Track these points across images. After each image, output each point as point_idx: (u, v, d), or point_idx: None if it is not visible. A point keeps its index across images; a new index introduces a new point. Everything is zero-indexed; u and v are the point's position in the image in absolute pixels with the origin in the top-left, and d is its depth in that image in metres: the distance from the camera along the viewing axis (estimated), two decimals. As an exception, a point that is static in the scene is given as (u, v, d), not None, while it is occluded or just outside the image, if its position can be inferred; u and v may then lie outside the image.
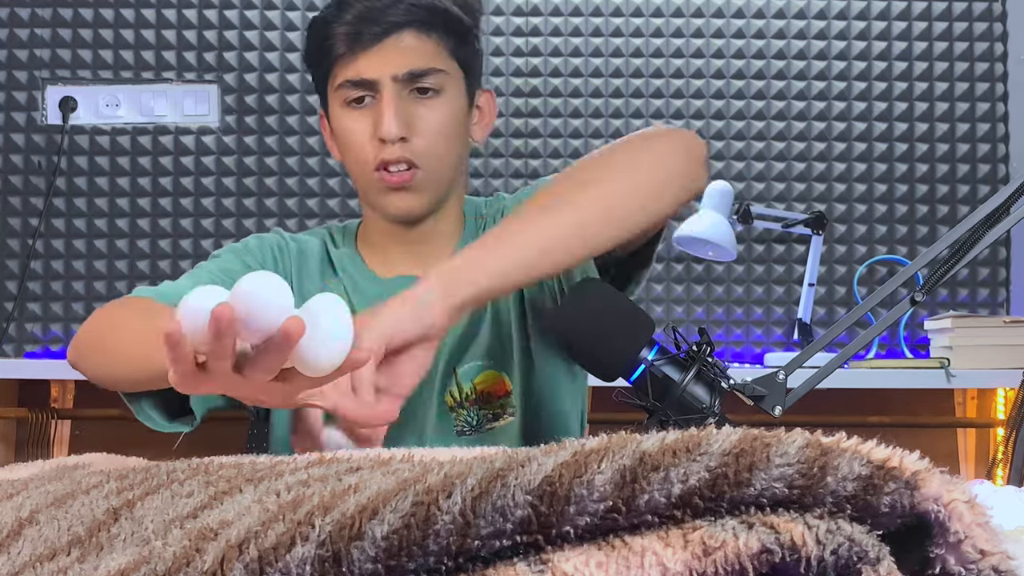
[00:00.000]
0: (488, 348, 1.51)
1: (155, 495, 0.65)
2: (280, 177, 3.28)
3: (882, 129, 3.30)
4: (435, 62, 1.47)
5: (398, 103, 1.45)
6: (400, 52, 1.46)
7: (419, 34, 1.47)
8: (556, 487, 0.50)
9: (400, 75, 1.45)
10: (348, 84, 1.47)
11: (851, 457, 0.52)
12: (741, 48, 3.30)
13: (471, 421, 1.49)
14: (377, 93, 1.46)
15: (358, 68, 1.46)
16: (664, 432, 0.54)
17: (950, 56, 3.30)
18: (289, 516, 0.51)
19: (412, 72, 1.45)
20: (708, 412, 1.19)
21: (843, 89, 3.30)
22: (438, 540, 0.48)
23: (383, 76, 1.45)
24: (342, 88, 1.47)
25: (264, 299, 0.91)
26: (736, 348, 3.27)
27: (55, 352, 3.23)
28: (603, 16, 3.30)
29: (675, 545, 0.50)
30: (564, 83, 3.29)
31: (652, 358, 1.21)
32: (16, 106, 3.27)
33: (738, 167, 3.29)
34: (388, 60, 1.45)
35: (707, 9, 3.30)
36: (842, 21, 3.31)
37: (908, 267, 1.27)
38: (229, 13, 3.28)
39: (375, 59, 1.45)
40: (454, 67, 1.49)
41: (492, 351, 1.51)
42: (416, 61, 1.46)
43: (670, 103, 3.29)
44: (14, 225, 3.25)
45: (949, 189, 3.30)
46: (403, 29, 1.46)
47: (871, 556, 0.51)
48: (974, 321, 2.94)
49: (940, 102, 3.30)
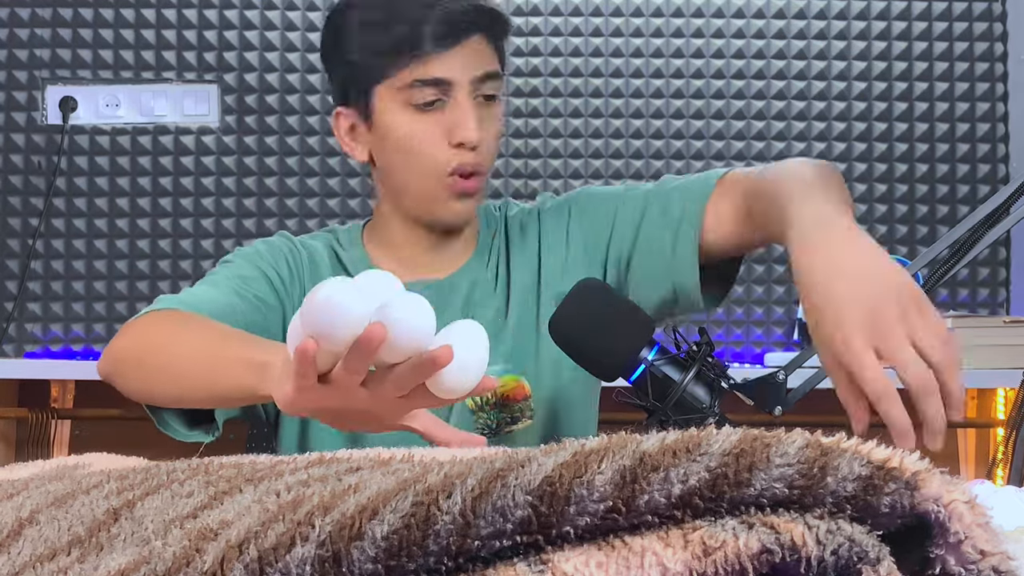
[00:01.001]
0: (510, 353, 1.50)
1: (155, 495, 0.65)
2: (280, 177, 3.27)
3: (882, 129, 3.30)
4: (497, 67, 1.47)
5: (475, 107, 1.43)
6: (475, 54, 1.44)
7: (485, 39, 1.46)
8: (556, 487, 0.50)
9: (477, 77, 1.43)
10: (420, 84, 1.42)
11: (851, 457, 0.52)
12: (741, 48, 3.30)
13: (490, 424, 1.49)
14: (449, 96, 1.43)
15: (434, 68, 1.42)
16: (664, 432, 0.54)
17: (950, 56, 3.30)
18: (289, 516, 0.51)
19: (486, 74, 1.44)
20: (708, 412, 1.19)
21: (843, 89, 3.30)
22: (438, 540, 0.48)
23: (462, 78, 1.43)
24: (410, 88, 1.43)
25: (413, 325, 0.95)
26: (736, 348, 3.27)
27: (55, 352, 3.23)
28: (603, 16, 3.30)
29: (675, 545, 0.50)
30: (564, 83, 3.29)
31: (652, 358, 1.21)
32: (16, 106, 3.26)
33: (738, 167, 3.29)
34: (467, 61, 1.43)
35: (707, 9, 3.30)
36: (842, 21, 3.31)
37: (908, 267, 1.27)
38: (229, 13, 3.28)
39: (454, 60, 1.43)
40: (501, 74, 1.49)
41: (513, 355, 1.50)
42: (488, 64, 1.45)
43: (670, 103, 3.29)
44: (14, 225, 3.25)
45: (949, 189, 3.30)
46: (475, 33, 1.45)
47: (871, 556, 0.51)
48: (974, 321, 2.94)
49: (940, 102, 3.30)
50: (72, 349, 3.23)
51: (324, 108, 3.26)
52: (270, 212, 3.27)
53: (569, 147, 3.28)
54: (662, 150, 3.28)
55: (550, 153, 3.29)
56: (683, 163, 3.28)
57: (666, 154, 3.28)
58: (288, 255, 1.53)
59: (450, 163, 1.43)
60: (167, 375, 1.28)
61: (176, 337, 1.31)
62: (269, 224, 3.24)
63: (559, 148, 3.28)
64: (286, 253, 1.53)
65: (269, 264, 1.50)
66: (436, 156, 1.43)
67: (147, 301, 3.22)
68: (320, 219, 3.24)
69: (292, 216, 3.26)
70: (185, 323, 1.33)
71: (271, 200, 3.27)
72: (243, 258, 1.52)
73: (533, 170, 3.29)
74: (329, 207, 3.27)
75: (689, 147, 3.29)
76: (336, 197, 3.28)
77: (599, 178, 3.26)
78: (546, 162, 3.29)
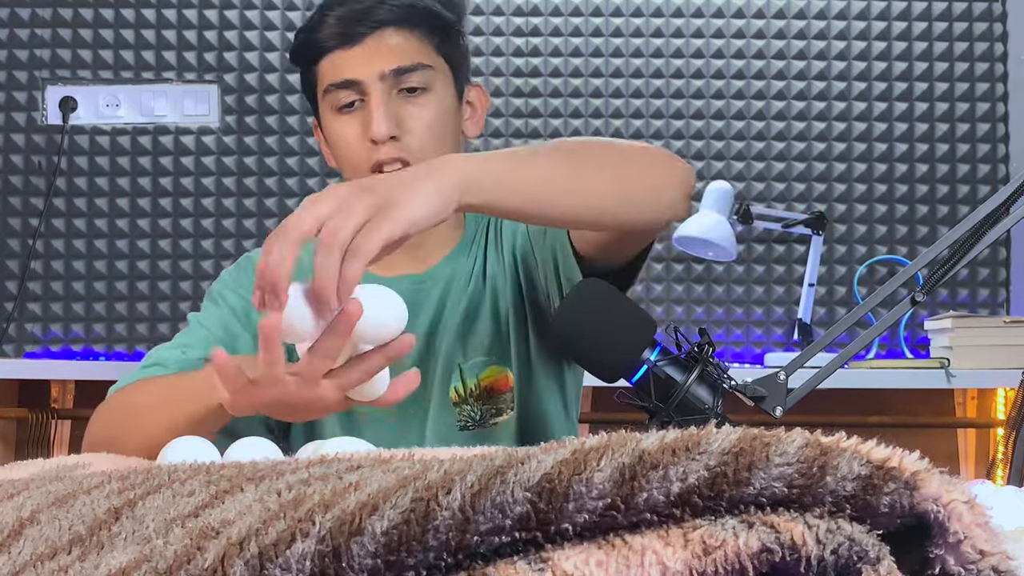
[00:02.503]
0: (490, 344, 1.51)
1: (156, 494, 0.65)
2: (280, 177, 3.28)
3: (882, 129, 3.30)
4: (421, 58, 1.46)
5: (387, 103, 1.44)
6: (384, 50, 1.45)
7: (402, 32, 1.46)
8: (555, 484, 0.50)
9: (386, 72, 1.44)
10: (334, 87, 1.46)
11: (851, 457, 0.52)
12: (741, 48, 3.30)
13: (474, 416, 1.49)
14: (365, 95, 1.44)
15: (342, 69, 1.45)
16: (663, 431, 0.54)
17: (950, 56, 3.30)
18: (290, 514, 0.51)
19: (399, 69, 1.45)
20: (711, 413, 1.19)
21: (843, 89, 3.30)
22: (437, 536, 0.49)
23: (369, 75, 1.44)
24: (329, 93, 1.47)
25: (385, 315, 1.05)
26: (736, 348, 3.27)
27: (55, 352, 3.23)
28: (603, 16, 3.30)
29: (675, 544, 0.50)
30: (564, 83, 3.29)
31: (654, 359, 1.20)
32: (16, 106, 3.27)
33: (738, 167, 3.29)
34: (373, 59, 1.44)
35: (707, 9, 3.30)
36: (842, 21, 3.31)
37: (908, 267, 1.27)
38: (229, 13, 3.28)
39: (359, 58, 1.44)
40: (440, 63, 1.48)
41: (493, 347, 1.51)
42: (402, 58, 1.45)
43: (670, 103, 3.29)
44: (14, 225, 3.26)
45: (949, 189, 3.30)
46: (386, 27, 1.45)
47: (871, 556, 0.51)
48: (974, 321, 2.94)
49: (940, 102, 3.30)
50: (72, 349, 3.23)
51: (324, 108, 3.26)
52: (270, 212, 3.27)
53: (569, 147, 3.28)
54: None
55: (550, 153, 3.28)
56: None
57: (666, 154, 3.28)
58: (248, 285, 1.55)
59: (370, 159, 1.45)
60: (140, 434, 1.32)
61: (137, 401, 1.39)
62: (269, 224, 3.24)
63: (559, 148, 3.28)
64: (245, 285, 1.55)
65: (236, 294, 1.54)
66: (358, 155, 1.46)
67: (147, 301, 3.25)
68: (320, 219, 3.24)
69: (292, 216, 3.25)
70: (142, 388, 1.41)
71: (271, 200, 3.27)
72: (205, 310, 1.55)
73: (533, 170, 3.28)
74: (329, 207, 3.26)
75: (689, 147, 3.29)
76: (336, 197, 3.27)
77: (599, 178, 3.26)
78: (546, 162, 3.28)
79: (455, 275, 1.54)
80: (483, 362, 1.50)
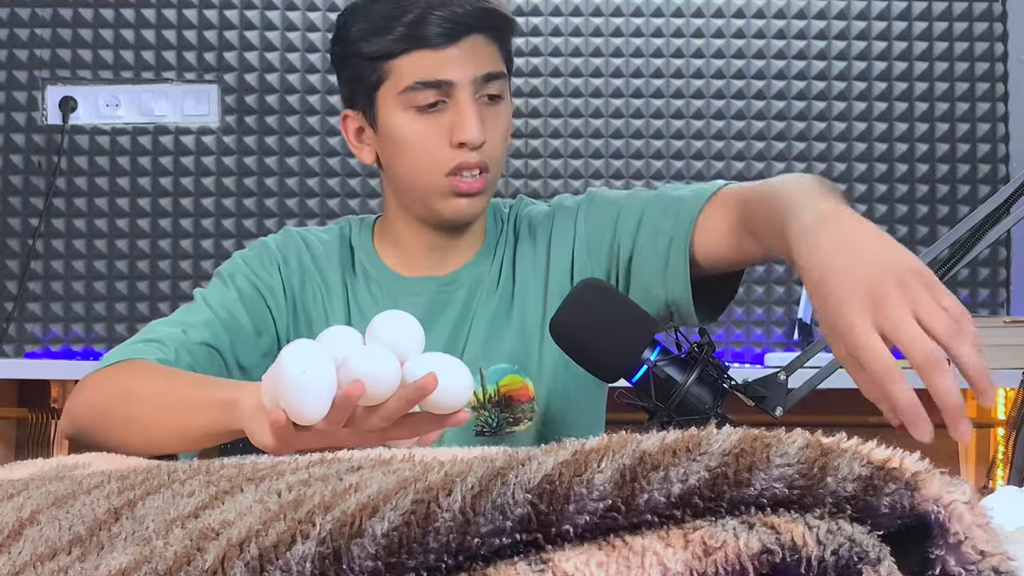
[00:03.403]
0: (514, 352, 1.50)
1: (156, 495, 0.65)
2: (280, 177, 3.28)
3: (882, 129, 3.30)
4: (500, 67, 1.47)
5: (477, 107, 1.44)
6: (479, 55, 1.44)
7: (488, 39, 1.46)
8: (556, 485, 0.50)
9: (478, 77, 1.43)
10: (420, 85, 1.42)
11: (851, 458, 0.52)
12: (741, 48, 3.30)
13: (491, 422, 1.49)
14: (450, 97, 1.43)
15: (434, 69, 1.42)
16: (664, 432, 0.54)
17: (950, 56, 3.30)
18: (290, 515, 0.51)
19: (488, 75, 1.44)
20: (711, 413, 1.19)
21: (843, 89, 3.30)
22: (438, 537, 0.49)
23: (462, 78, 1.42)
24: (411, 91, 1.43)
25: (381, 375, 1.05)
26: (736, 348, 3.27)
27: (55, 352, 3.23)
28: (603, 16, 3.30)
29: (676, 545, 0.50)
30: (564, 83, 3.29)
31: (655, 359, 1.20)
32: (16, 106, 3.26)
33: (738, 167, 3.29)
34: (468, 62, 1.43)
35: (707, 9, 3.30)
36: (842, 21, 3.31)
37: (908, 267, 1.26)
38: (229, 13, 3.28)
39: (455, 60, 1.43)
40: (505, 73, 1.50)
41: (518, 355, 1.50)
42: (490, 65, 1.45)
43: (670, 103, 3.29)
44: (14, 225, 3.25)
45: (949, 189, 3.30)
46: (476, 33, 1.44)
47: (872, 556, 0.51)
48: (974, 321, 2.93)
49: (940, 102, 3.30)
50: (72, 349, 3.23)
51: (324, 108, 3.26)
52: (270, 212, 3.27)
53: (569, 147, 3.28)
54: (662, 150, 3.28)
55: (550, 153, 3.29)
56: (683, 163, 3.28)
57: (666, 154, 3.28)
58: (281, 262, 1.54)
59: (451, 162, 1.43)
60: (136, 427, 1.31)
61: (136, 389, 1.35)
62: (269, 224, 3.24)
63: (559, 148, 3.28)
64: (279, 259, 1.54)
65: (248, 280, 1.52)
66: (438, 156, 1.44)
67: (147, 301, 3.25)
68: (320, 219, 3.24)
69: (292, 216, 3.26)
70: (142, 374, 1.37)
71: (271, 200, 3.27)
72: (216, 288, 1.53)
73: (533, 170, 3.29)
74: (329, 207, 3.27)
75: (689, 147, 3.29)
76: (336, 197, 3.28)
77: (599, 178, 3.26)
78: (546, 162, 3.29)
79: (480, 279, 1.54)
80: (504, 369, 1.50)
